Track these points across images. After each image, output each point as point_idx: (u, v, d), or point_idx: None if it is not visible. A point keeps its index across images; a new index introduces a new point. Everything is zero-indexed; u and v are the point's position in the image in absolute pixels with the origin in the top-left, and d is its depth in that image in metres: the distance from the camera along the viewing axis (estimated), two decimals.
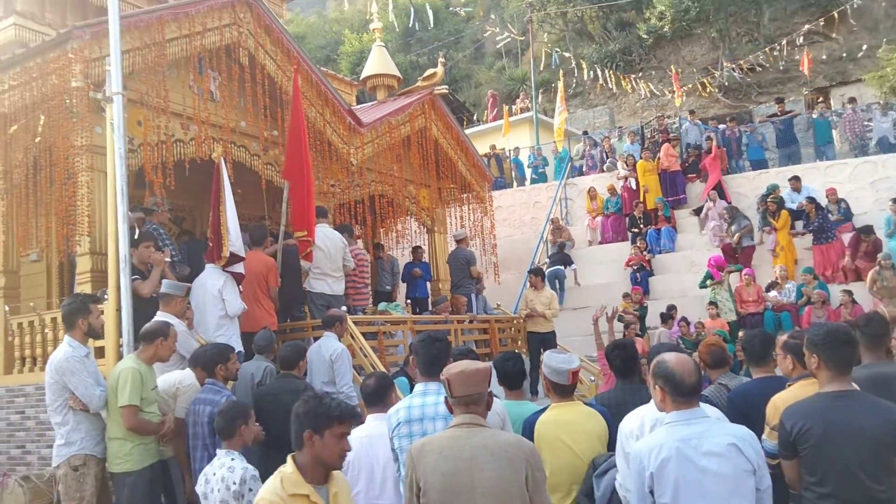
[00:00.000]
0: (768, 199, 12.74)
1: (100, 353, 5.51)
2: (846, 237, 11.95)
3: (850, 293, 10.55)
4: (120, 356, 5.38)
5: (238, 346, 5.95)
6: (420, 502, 2.64)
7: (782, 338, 3.95)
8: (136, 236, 5.98)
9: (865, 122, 15.06)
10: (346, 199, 8.96)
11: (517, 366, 4.08)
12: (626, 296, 12.02)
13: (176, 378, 4.95)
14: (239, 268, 6.45)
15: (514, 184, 17.95)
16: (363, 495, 3.80)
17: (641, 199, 14.68)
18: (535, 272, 10.35)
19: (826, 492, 2.89)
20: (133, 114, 6.38)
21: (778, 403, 3.40)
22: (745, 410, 3.73)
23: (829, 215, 12.43)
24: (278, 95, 7.74)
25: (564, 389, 3.59)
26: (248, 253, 6.70)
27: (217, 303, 6.19)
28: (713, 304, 11.32)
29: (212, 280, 6.29)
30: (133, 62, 6.29)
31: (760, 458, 2.76)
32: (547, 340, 9.73)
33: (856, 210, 12.99)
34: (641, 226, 14.35)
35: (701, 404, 2.91)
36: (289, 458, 2.76)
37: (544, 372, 3.64)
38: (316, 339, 6.51)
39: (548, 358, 3.65)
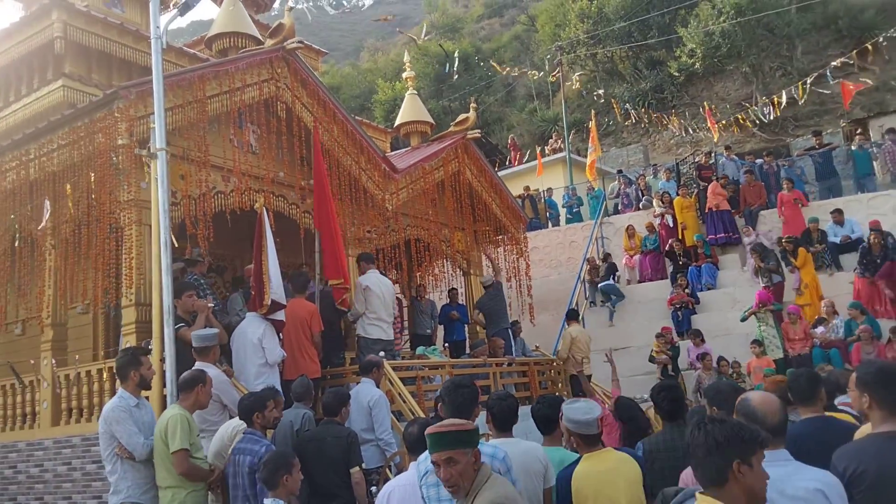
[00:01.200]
0: (784, 240, 12.49)
1: None
2: None
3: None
4: (164, 405, 5.47)
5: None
6: None
7: (854, 375, 3.76)
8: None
9: None
10: (382, 244, 9.04)
11: (544, 410, 4.00)
12: (658, 336, 11.81)
13: (234, 424, 5.03)
14: (280, 315, 6.54)
15: (549, 224, 17.94)
16: None
17: (680, 237, 14.52)
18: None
19: None
20: (176, 168, 6.59)
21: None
22: (795, 452, 3.59)
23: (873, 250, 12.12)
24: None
25: (592, 439, 3.51)
26: (290, 300, 6.80)
27: (257, 351, 6.26)
28: (758, 342, 11.04)
29: (252, 328, 6.38)
30: (175, 119, 6.52)
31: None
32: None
33: None
34: (681, 262, 14.17)
35: None
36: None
37: (567, 426, 3.54)
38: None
39: (568, 411, 3.54)
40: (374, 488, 4.85)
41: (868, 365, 3.15)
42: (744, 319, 11.51)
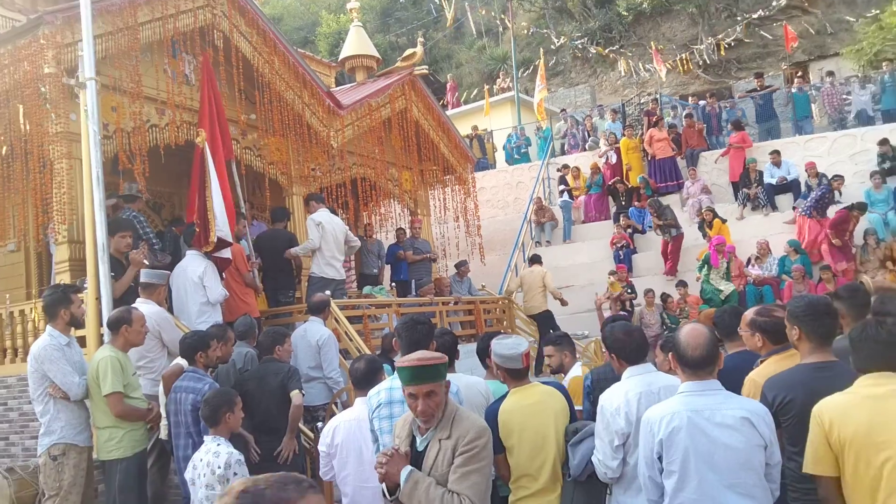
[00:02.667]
0: (703, 211, 12.69)
1: (81, 342, 5.44)
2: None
3: (829, 268, 10.66)
4: (102, 344, 5.33)
5: None
6: None
7: (748, 315, 3.89)
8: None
9: (844, 96, 15.14)
10: (327, 182, 8.88)
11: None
12: (612, 273, 12.04)
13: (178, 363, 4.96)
14: (227, 253, 6.40)
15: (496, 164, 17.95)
16: (352, 478, 3.80)
17: (624, 177, 14.71)
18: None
19: None
20: (107, 99, 6.28)
21: (756, 380, 3.37)
22: (725, 383, 3.73)
23: (811, 190, 12.53)
24: (255, 78, 7.64)
25: (519, 373, 3.60)
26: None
27: (198, 289, 6.14)
28: (683, 283, 11.32)
29: (193, 266, 6.23)
30: (105, 47, 6.17)
31: (772, 433, 2.77)
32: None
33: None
34: (624, 203, 14.39)
35: None
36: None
37: (495, 361, 3.62)
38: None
39: (496, 347, 3.61)
40: (319, 424, 4.88)
41: (798, 300, 3.23)
42: (701, 270, 11.60)
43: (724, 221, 12.46)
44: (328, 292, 7.09)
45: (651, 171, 14.69)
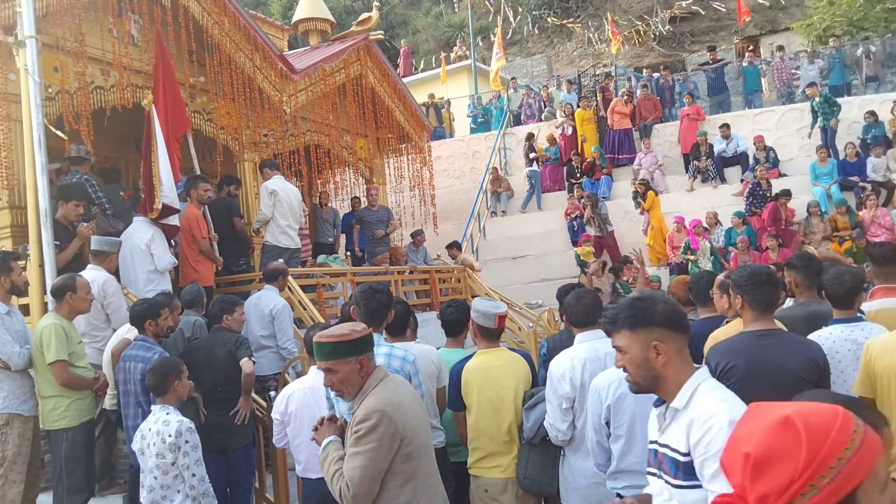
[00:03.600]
0: (636, 182, 12.88)
1: (25, 310, 5.30)
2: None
3: (776, 237, 10.99)
4: (46, 312, 5.19)
5: None
6: (401, 453, 2.60)
7: (719, 278, 4.09)
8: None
9: (793, 70, 15.49)
10: (280, 148, 8.72)
11: (455, 314, 4.11)
12: (586, 242, 12.20)
13: (125, 330, 4.87)
14: (173, 220, 6.25)
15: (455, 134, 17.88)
16: (305, 446, 3.83)
17: (579, 149, 14.82)
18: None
19: None
20: (49, 59, 6.02)
21: (719, 336, 3.51)
22: (692, 348, 3.82)
23: (757, 163, 12.84)
24: (204, 40, 7.41)
25: (491, 333, 3.70)
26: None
27: (146, 257, 6.00)
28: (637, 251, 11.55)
29: (140, 233, 6.08)
30: (46, 4, 5.88)
31: None
32: None
33: (782, 157, 13.46)
34: (579, 175, 14.52)
35: None
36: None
37: (473, 317, 3.74)
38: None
39: (477, 303, 3.74)
40: (272, 393, 4.86)
41: (742, 269, 3.32)
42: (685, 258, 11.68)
43: (657, 194, 12.66)
44: (280, 260, 7.02)
45: (607, 142, 14.83)
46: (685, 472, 2.02)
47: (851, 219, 11.08)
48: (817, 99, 13.02)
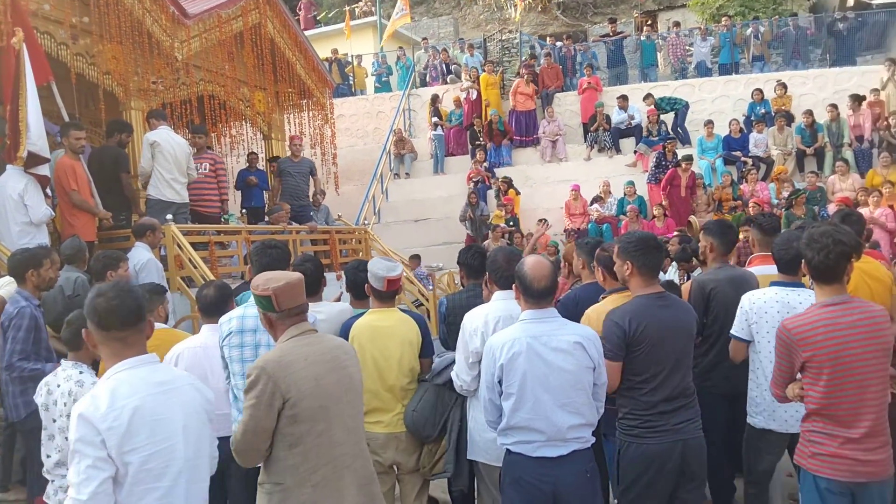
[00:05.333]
0: (501, 180, 12.95)
1: None
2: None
3: (662, 206, 11.51)
4: None
5: None
6: (286, 415, 2.52)
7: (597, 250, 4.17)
8: None
9: (687, 47, 16.11)
10: (171, 98, 8.25)
11: (363, 275, 4.05)
12: (501, 206, 12.36)
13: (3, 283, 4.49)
14: (43, 170, 5.80)
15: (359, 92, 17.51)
16: None
17: (482, 114, 14.87)
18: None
19: (655, 386, 3.09)
20: None
21: (591, 315, 3.58)
22: (576, 314, 3.95)
23: (650, 136, 13.34)
24: None
25: (382, 295, 3.70)
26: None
27: (19, 208, 5.58)
28: (544, 220, 11.83)
29: (12, 182, 5.64)
30: None
31: (600, 356, 2.97)
32: None
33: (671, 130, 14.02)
34: (482, 139, 14.59)
35: None
36: None
37: (369, 279, 3.72)
38: None
39: (372, 264, 3.73)
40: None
41: (629, 235, 3.40)
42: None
43: (518, 193, 12.89)
44: (170, 216, 6.70)
45: (510, 124, 14.79)
46: None
47: (734, 191, 11.75)
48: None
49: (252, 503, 3.25)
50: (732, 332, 3.69)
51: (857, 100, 12.44)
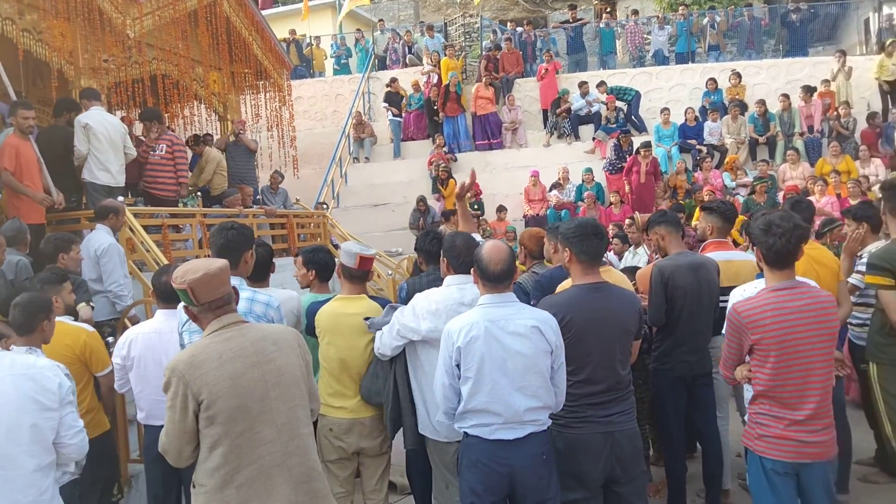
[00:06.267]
0: (440, 168, 12.86)
1: None
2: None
3: (618, 193, 11.66)
4: None
5: None
6: (202, 417, 2.43)
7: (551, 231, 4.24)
8: None
9: (645, 35, 16.28)
10: (122, 77, 8.00)
11: (325, 258, 4.02)
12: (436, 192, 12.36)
13: None
14: None
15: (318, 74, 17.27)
16: (149, 392, 3.72)
17: (442, 95, 14.78)
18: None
19: (582, 378, 3.12)
20: None
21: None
22: (543, 295, 3.97)
23: (609, 124, 13.48)
24: None
25: (352, 274, 3.67)
26: None
27: None
28: (503, 207, 11.98)
29: None
30: None
31: (559, 339, 2.98)
32: None
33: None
34: (439, 114, 14.47)
35: None
36: None
37: (340, 258, 3.70)
38: None
39: (346, 244, 3.74)
40: (110, 339, 4.54)
41: (569, 222, 3.39)
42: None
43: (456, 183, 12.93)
44: (121, 198, 6.53)
45: (473, 128, 14.58)
46: None
47: (689, 178, 11.96)
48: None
49: None
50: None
51: (809, 90, 12.76)
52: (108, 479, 4.10)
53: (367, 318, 3.56)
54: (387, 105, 14.88)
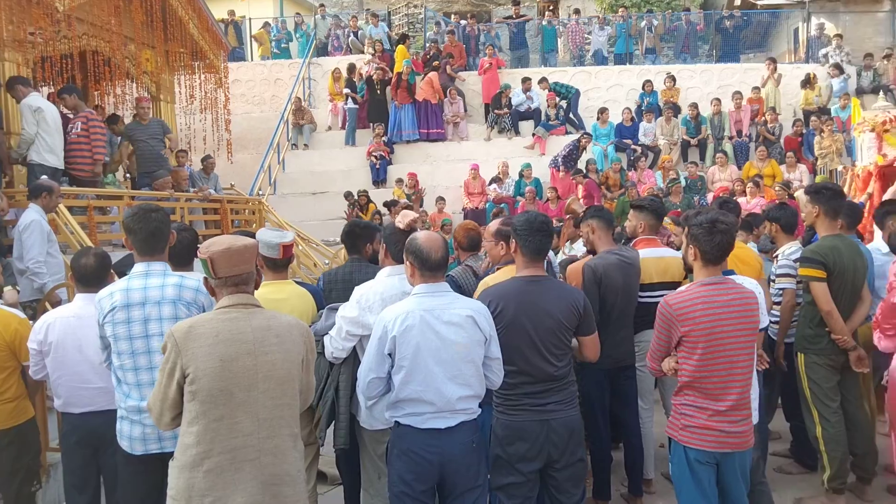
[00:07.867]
0: (358, 194, 12.26)
1: None
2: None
3: (555, 189, 11.83)
4: None
5: None
6: (186, 390, 2.39)
7: (493, 225, 4.23)
8: None
9: (585, 35, 16.54)
10: (50, 51, 7.64)
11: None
12: (399, 181, 12.49)
13: None
14: None
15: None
16: (67, 379, 3.53)
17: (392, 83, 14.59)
18: None
19: (513, 370, 3.16)
20: None
21: (489, 281, 3.68)
22: None
23: (549, 120, 13.66)
24: None
25: (276, 264, 3.63)
26: None
27: None
28: (442, 198, 12.01)
29: None
30: None
31: (492, 329, 3.02)
32: None
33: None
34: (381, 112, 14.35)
35: None
36: None
37: (259, 248, 3.58)
38: None
39: (261, 233, 3.61)
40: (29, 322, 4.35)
41: (519, 216, 3.47)
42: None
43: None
44: (44, 176, 6.27)
45: (416, 117, 14.35)
46: None
47: (622, 177, 12.24)
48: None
49: (129, 485, 3.14)
50: None
51: (739, 96, 13.23)
52: (29, 468, 3.93)
53: (311, 325, 3.52)
54: (349, 91, 14.58)
